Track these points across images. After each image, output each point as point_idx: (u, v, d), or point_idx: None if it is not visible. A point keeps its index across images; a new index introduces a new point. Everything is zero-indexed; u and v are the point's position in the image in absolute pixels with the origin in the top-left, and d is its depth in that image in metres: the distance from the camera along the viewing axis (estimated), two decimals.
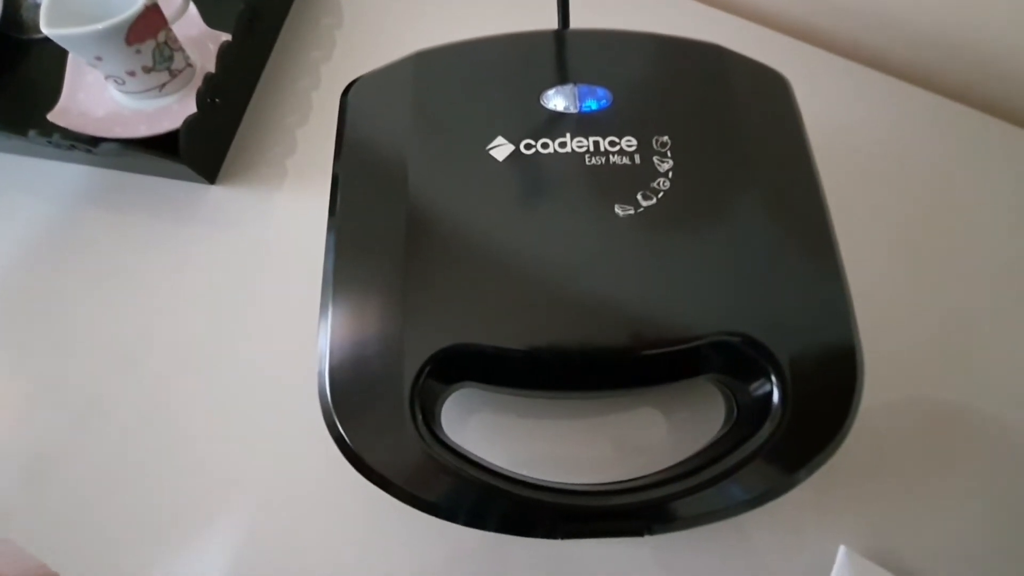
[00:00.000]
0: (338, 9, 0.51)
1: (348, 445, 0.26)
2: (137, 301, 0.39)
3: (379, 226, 0.28)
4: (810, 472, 0.26)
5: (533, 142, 0.29)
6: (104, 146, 0.37)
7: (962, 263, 0.39)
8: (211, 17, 0.46)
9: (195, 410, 0.36)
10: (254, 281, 0.40)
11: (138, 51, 0.38)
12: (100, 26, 0.36)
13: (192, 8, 0.44)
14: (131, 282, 0.40)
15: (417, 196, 0.28)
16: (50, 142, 0.37)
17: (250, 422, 0.36)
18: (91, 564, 0.33)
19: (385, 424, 0.26)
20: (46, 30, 0.36)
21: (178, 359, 0.38)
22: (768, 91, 0.32)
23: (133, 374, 0.37)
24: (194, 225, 0.42)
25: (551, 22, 0.34)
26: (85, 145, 0.37)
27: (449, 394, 0.28)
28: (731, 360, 0.27)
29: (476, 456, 0.27)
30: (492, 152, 0.29)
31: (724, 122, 0.30)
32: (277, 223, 0.42)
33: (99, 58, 0.38)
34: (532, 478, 0.26)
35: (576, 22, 0.34)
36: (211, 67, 0.43)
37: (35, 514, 0.34)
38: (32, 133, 0.37)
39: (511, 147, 0.29)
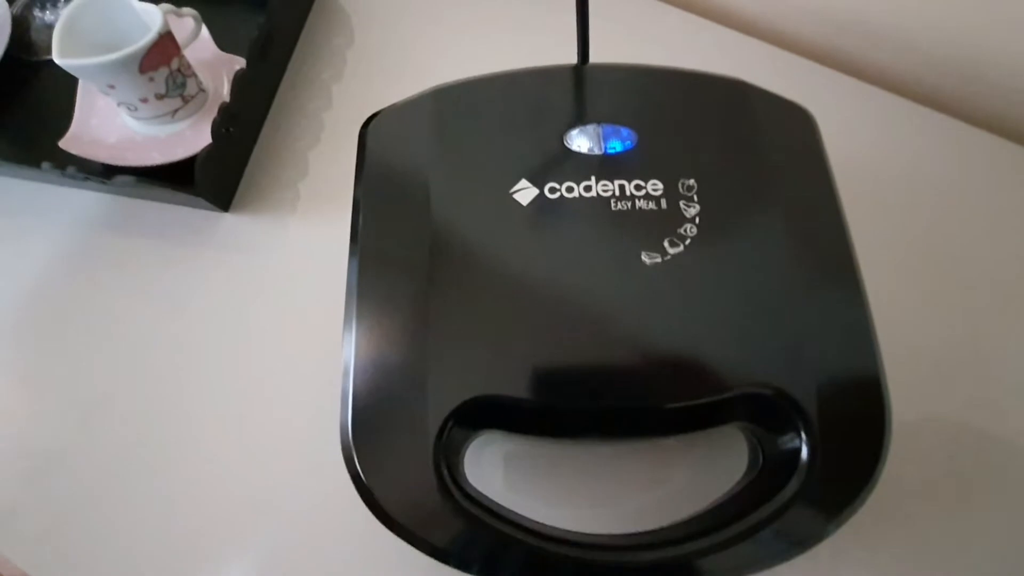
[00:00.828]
0: (349, 28, 0.50)
1: (372, 496, 0.25)
2: (148, 327, 0.39)
3: (401, 273, 0.28)
4: (837, 526, 0.25)
5: (557, 186, 0.29)
6: (119, 179, 0.36)
7: (989, 292, 0.39)
8: (222, 38, 0.45)
9: (204, 433, 0.36)
10: (267, 308, 0.40)
11: (151, 79, 0.38)
12: (114, 56, 0.35)
13: (204, 31, 0.43)
14: (142, 308, 0.40)
15: (441, 242, 0.28)
16: (64, 174, 0.36)
17: (259, 444, 0.36)
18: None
19: (409, 477, 0.25)
20: (59, 60, 0.35)
21: (190, 379, 0.38)
22: (793, 129, 0.32)
23: (145, 393, 0.37)
24: (207, 252, 0.41)
25: (560, 39, 0.33)
26: (99, 178, 0.36)
27: (472, 439, 0.28)
28: (760, 410, 0.27)
29: (499, 506, 0.26)
30: (516, 196, 0.29)
31: (750, 163, 0.30)
32: (291, 250, 0.42)
33: (112, 86, 0.38)
34: (556, 530, 0.26)
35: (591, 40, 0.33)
36: (224, 90, 0.43)
37: (36, 530, 0.35)
38: (46, 165, 0.36)
39: (535, 191, 0.29)
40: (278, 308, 0.40)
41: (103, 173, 0.37)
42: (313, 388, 0.37)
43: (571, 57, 0.33)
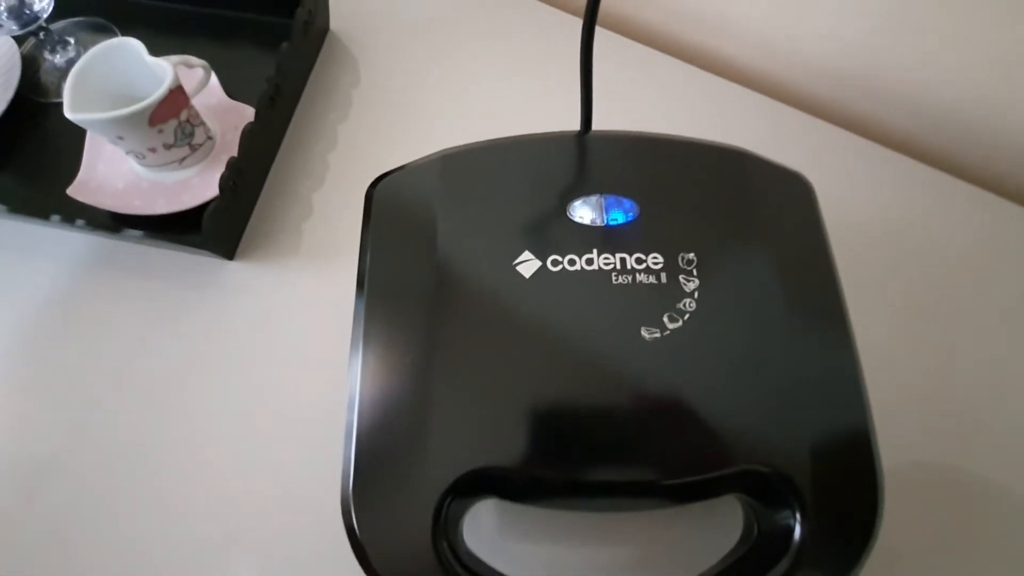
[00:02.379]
0: (355, 70, 0.51)
1: (368, 559, 0.26)
2: (146, 368, 0.40)
3: (405, 343, 0.28)
4: None
5: (560, 258, 0.29)
6: (127, 232, 0.37)
7: (979, 345, 0.39)
8: (231, 82, 0.46)
9: (198, 473, 0.37)
10: (268, 351, 0.40)
11: (160, 131, 0.38)
12: (123, 112, 0.36)
13: (213, 78, 0.44)
14: (141, 348, 0.40)
15: (445, 315, 0.28)
16: (73, 226, 0.36)
17: (254, 487, 0.37)
18: None
19: (409, 549, 0.26)
20: (70, 115, 0.36)
21: (189, 418, 0.38)
22: (791, 199, 0.32)
23: (142, 429, 0.38)
24: (209, 297, 0.42)
25: (563, 81, 0.32)
26: (107, 231, 0.37)
27: (470, 506, 0.29)
28: (756, 485, 0.27)
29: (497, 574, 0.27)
30: (519, 268, 0.29)
31: (747, 236, 0.30)
32: (294, 295, 0.42)
33: (121, 137, 0.38)
34: None
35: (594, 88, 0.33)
36: (231, 136, 0.44)
37: None
38: (55, 218, 0.37)
39: (538, 263, 0.29)
40: (278, 352, 0.40)
41: (111, 225, 0.38)
42: (309, 425, 0.38)
43: (575, 98, 0.33)
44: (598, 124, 0.34)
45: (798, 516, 0.26)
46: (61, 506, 0.37)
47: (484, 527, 0.35)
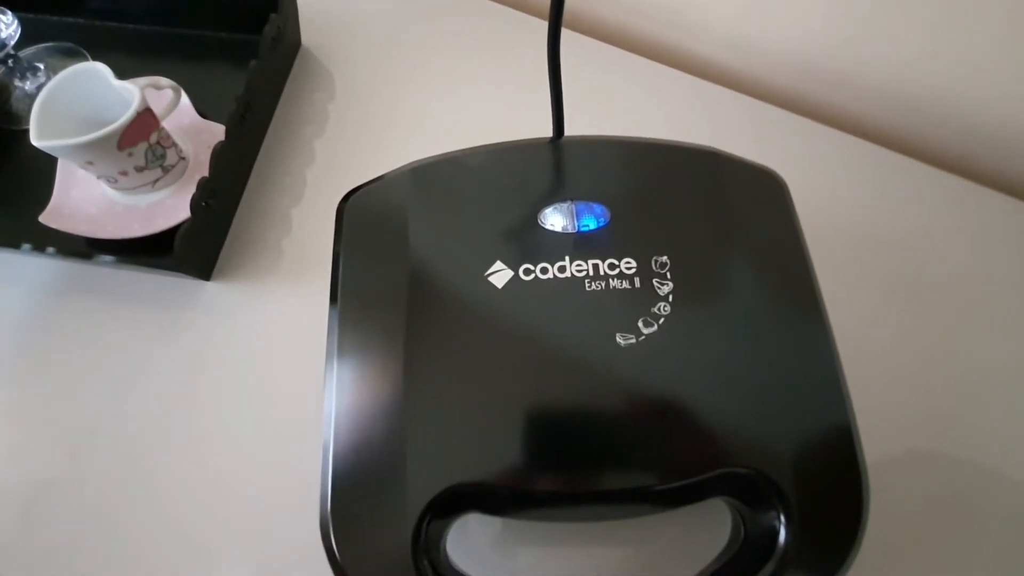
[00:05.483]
0: (330, 83, 0.51)
1: None
2: (126, 392, 0.39)
3: (379, 358, 0.28)
4: None
5: (532, 267, 0.29)
6: (99, 258, 0.36)
7: (966, 339, 0.39)
8: (204, 100, 0.45)
9: (178, 493, 0.36)
10: (248, 372, 0.40)
11: (130, 154, 0.38)
12: (89, 137, 0.35)
13: (184, 98, 0.43)
14: (119, 373, 0.40)
15: (418, 330, 0.28)
16: (44, 254, 0.36)
17: (233, 508, 0.36)
18: None
19: (390, 570, 0.25)
20: (36, 143, 0.35)
21: (168, 445, 0.38)
22: (764, 196, 0.32)
23: (122, 457, 0.38)
24: (187, 321, 0.41)
25: (540, 86, 0.32)
26: (79, 257, 0.36)
27: (452, 523, 0.28)
28: (741, 487, 0.27)
29: None
30: (491, 279, 0.29)
31: (721, 236, 0.30)
32: (274, 316, 0.42)
33: (91, 163, 0.38)
34: None
35: (568, 93, 0.33)
36: (204, 157, 0.43)
37: None
38: (26, 247, 0.36)
39: (510, 273, 0.29)
40: (260, 370, 0.40)
41: (83, 251, 0.37)
42: (293, 445, 0.37)
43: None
44: (574, 127, 0.34)
45: (783, 518, 0.26)
46: (57, 526, 0.36)
47: (469, 536, 0.34)
